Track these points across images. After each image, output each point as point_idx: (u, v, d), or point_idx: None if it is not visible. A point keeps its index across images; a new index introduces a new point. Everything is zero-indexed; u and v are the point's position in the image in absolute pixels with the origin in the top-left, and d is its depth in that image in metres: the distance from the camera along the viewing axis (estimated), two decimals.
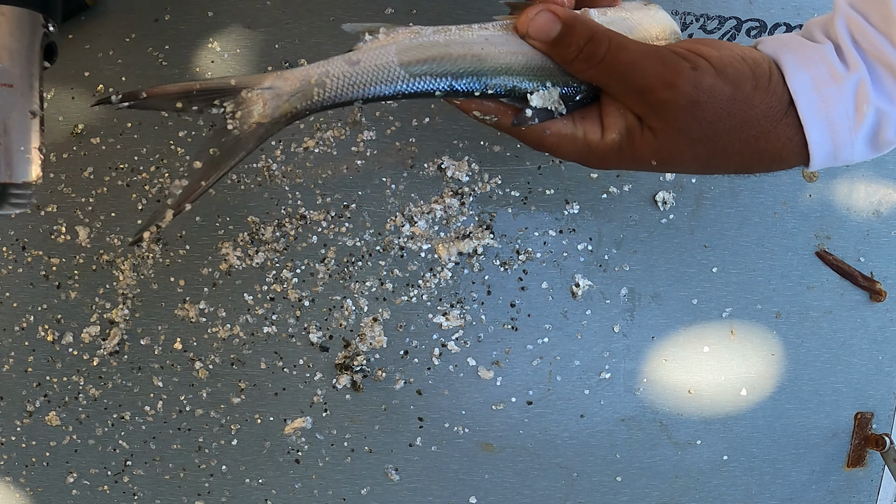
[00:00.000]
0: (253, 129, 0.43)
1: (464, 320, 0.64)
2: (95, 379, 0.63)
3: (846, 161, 0.45)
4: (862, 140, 0.44)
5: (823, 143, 0.44)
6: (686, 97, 0.43)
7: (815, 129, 0.44)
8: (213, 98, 0.43)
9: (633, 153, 0.46)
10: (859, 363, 0.68)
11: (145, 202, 0.62)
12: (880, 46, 0.43)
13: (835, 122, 0.43)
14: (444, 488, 0.64)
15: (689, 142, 0.44)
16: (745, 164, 0.46)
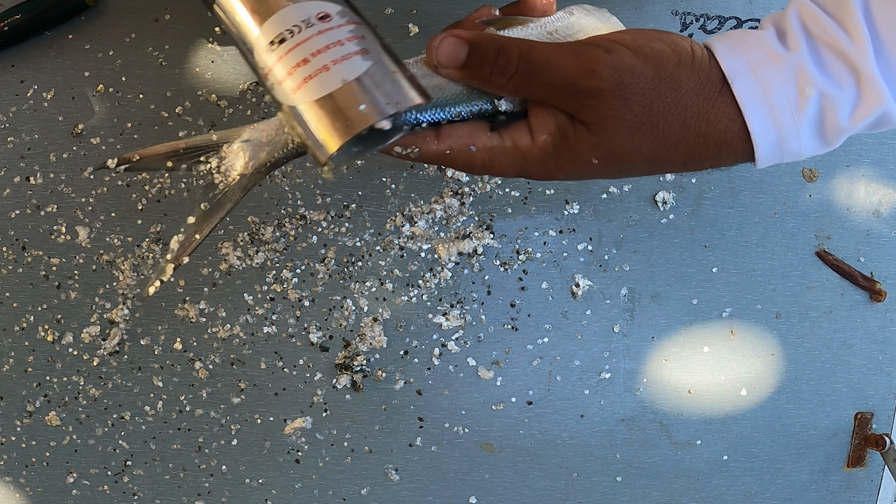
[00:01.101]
0: (237, 180, 0.45)
1: (464, 320, 0.64)
2: (95, 379, 0.63)
3: (794, 153, 0.43)
4: (808, 128, 0.42)
5: (766, 132, 0.42)
6: (609, 81, 0.41)
7: (755, 116, 0.41)
8: (199, 154, 0.45)
9: (571, 153, 0.43)
10: (859, 363, 0.68)
11: (145, 202, 0.62)
12: (829, 30, 0.41)
13: (776, 107, 0.41)
14: (444, 488, 0.64)
15: (627, 131, 0.42)
16: (692, 154, 0.43)
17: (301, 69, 0.39)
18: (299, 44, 0.39)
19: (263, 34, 0.40)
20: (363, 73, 0.39)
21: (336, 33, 0.39)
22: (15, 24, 0.60)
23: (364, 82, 0.39)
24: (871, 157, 0.68)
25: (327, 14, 0.40)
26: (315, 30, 0.39)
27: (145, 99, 0.62)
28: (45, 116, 0.62)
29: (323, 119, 0.39)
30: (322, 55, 0.39)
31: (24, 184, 0.62)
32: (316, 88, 0.39)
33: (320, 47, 0.39)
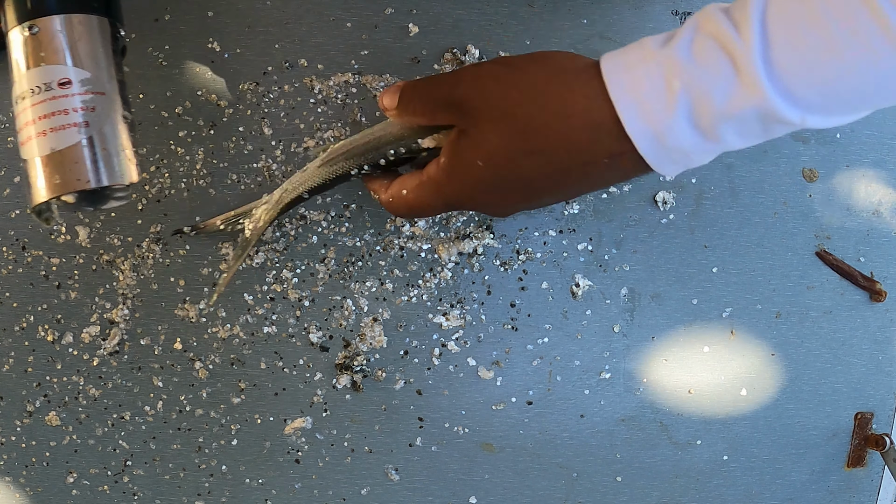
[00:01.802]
0: (257, 229, 0.60)
1: (464, 320, 0.64)
2: (95, 379, 0.63)
3: (678, 149, 0.43)
4: (682, 120, 0.42)
5: (640, 127, 0.43)
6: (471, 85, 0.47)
7: (626, 111, 0.43)
8: (241, 218, 0.61)
9: (461, 163, 0.48)
10: (859, 363, 0.68)
11: (145, 202, 0.62)
12: (720, 26, 0.41)
13: (645, 101, 0.42)
14: (444, 488, 0.64)
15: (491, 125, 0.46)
16: (567, 143, 0.45)
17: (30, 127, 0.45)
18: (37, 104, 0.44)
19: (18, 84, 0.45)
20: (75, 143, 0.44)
21: (68, 101, 0.44)
22: None
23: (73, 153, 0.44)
24: (871, 157, 0.68)
25: (69, 80, 0.44)
26: (50, 94, 0.44)
27: (145, 99, 0.62)
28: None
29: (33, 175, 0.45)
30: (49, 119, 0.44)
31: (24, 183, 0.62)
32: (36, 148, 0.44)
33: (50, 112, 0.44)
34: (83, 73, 0.45)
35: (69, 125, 0.44)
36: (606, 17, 0.65)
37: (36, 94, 0.45)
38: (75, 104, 0.45)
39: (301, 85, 0.63)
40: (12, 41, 0.46)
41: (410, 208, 0.52)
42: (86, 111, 0.45)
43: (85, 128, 0.45)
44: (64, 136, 0.44)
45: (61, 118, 0.44)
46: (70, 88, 0.45)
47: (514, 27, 0.64)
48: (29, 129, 0.45)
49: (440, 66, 0.63)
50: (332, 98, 0.63)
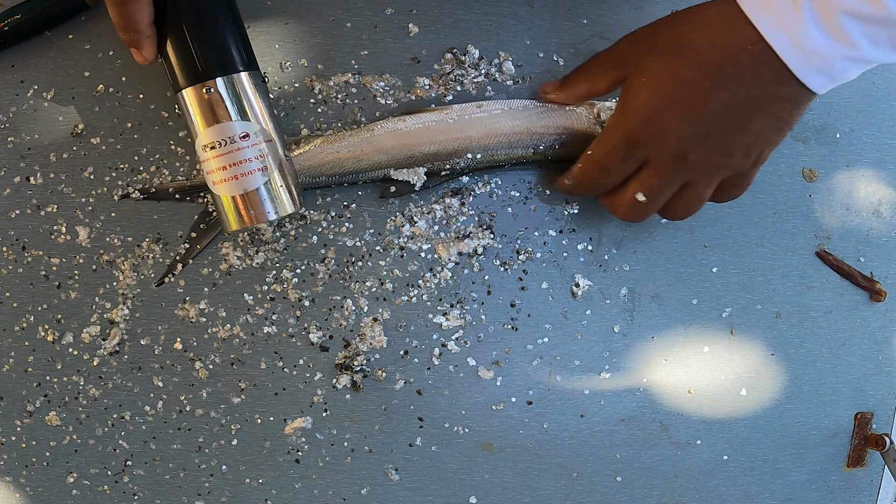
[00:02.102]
0: None
1: (464, 320, 0.64)
2: (95, 379, 0.63)
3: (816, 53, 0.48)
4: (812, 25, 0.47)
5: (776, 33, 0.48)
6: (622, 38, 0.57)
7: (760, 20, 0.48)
8: (199, 191, 0.62)
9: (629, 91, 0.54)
10: (859, 363, 0.68)
11: (146, 202, 0.62)
12: None
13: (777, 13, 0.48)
14: (444, 488, 0.64)
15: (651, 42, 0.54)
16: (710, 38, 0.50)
17: (222, 172, 0.55)
18: (226, 153, 0.54)
19: (203, 136, 0.55)
20: (264, 185, 0.55)
21: (248, 152, 0.54)
22: (15, 23, 0.60)
23: (262, 193, 0.55)
24: (871, 157, 0.68)
25: (247, 134, 0.54)
26: (240, 145, 0.54)
27: (145, 99, 0.62)
28: (46, 116, 0.62)
29: (227, 209, 0.56)
30: (239, 166, 0.54)
31: (24, 184, 0.62)
32: (230, 188, 0.55)
33: (239, 160, 0.54)
34: (256, 125, 0.55)
35: (252, 171, 0.54)
36: (606, 17, 0.65)
37: (221, 147, 0.54)
38: (254, 153, 0.54)
39: (301, 85, 0.63)
40: (189, 98, 0.54)
41: (597, 163, 0.57)
42: (262, 158, 0.55)
43: (263, 172, 0.55)
44: (248, 181, 0.54)
45: (245, 166, 0.54)
46: (248, 140, 0.54)
47: (514, 27, 0.64)
48: (218, 174, 0.55)
49: (440, 66, 0.63)
50: (332, 98, 0.63)
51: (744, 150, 0.53)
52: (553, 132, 0.61)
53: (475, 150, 0.60)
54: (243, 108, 0.54)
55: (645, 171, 0.55)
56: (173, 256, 0.62)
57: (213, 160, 0.55)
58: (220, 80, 0.54)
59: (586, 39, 0.65)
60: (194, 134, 0.55)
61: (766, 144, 0.54)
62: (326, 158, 0.60)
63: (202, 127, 0.54)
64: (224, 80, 0.54)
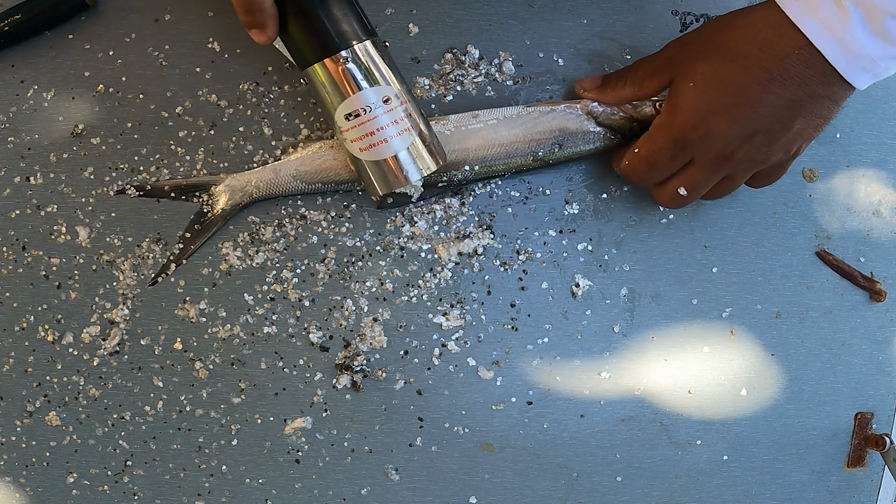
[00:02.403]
0: (219, 212, 0.62)
1: (464, 320, 0.64)
2: (95, 379, 0.63)
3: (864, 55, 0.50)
4: (860, 29, 0.49)
5: (823, 37, 0.50)
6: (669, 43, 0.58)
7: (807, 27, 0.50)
8: (195, 190, 0.62)
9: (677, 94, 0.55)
10: (859, 363, 0.68)
11: (146, 202, 0.62)
12: None
13: (824, 18, 0.50)
14: (444, 488, 0.64)
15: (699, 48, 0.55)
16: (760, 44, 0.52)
17: (367, 138, 0.55)
18: (368, 120, 0.54)
19: (344, 107, 0.54)
20: (407, 147, 0.55)
21: (394, 114, 0.55)
22: (15, 23, 0.60)
23: (406, 155, 0.55)
24: (871, 157, 0.68)
25: (389, 98, 0.55)
26: (380, 111, 0.54)
27: (145, 99, 0.62)
28: (46, 116, 0.62)
29: (377, 174, 0.56)
30: (382, 131, 0.55)
31: (24, 184, 0.62)
32: (376, 153, 0.55)
33: (382, 125, 0.55)
34: (394, 89, 0.55)
35: (398, 133, 0.55)
36: (606, 17, 0.65)
37: (365, 114, 0.54)
38: (397, 116, 0.55)
39: (301, 85, 0.63)
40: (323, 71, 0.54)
41: (645, 160, 0.58)
42: (404, 120, 0.55)
43: (407, 133, 0.55)
44: (395, 143, 0.55)
45: (390, 129, 0.55)
46: (390, 104, 0.55)
47: (514, 27, 0.64)
48: (363, 140, 0.55)
49: (440, 66, 0.63)
50: None
51: (784, 146, 0.56)
52: (549, 136, 0.61)
53: (472, 161, 0.61)
54: (378, 74, 0.54)
55: (690, 169, 0.58)
56: (167, 256, 0.62)
57: (356, 129, 0.55)
58: (355, 48, 0.53)
59: (586, 39, 0.65)
60: (331, 107, 0.55)
61: (805, 140, 0.56)
62: (324, 165, 0.61)
63: (340, 98, 0.54)
64: (358, 48, 0.54)
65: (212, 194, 0.61)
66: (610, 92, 0.60)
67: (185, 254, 0.62)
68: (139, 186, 0.61)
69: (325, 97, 0.55)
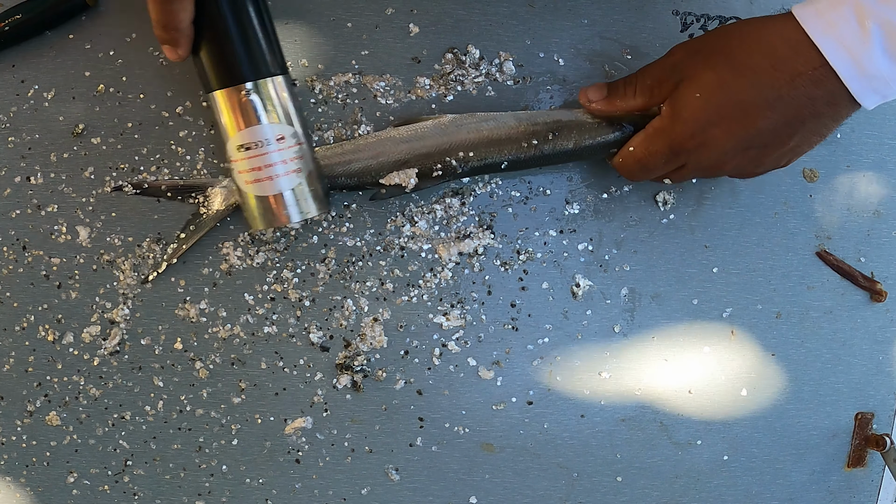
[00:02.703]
0: (214, 213, 0.61)
1: (464, 320, 0.64)
2: (96, 379, 0.63)
3: (878, 77, 0.50)
4: (879, 52, 0.49)
5: (840, 57, 0.50)
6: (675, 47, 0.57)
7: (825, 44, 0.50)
8: (191, 191, 0.61)
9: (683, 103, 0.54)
10: (860, 363, 0.68)
11: (146, 202, 0.62)
12: None
13: (843, 37, 0.49)
14: (444, 488, 0.64)
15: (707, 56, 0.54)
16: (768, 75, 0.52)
17: (254, 172, 0.55)
18: (259, 155, 0.55)
19: (238, 137, 0.55)
20: (293, 188, 0.56)
21: (285, 153, 0.55)
22: (15, 23, 0.60)
23: (290, 196, 0.56)
24: (872, 157, 0.68)
25: (283, 136, 0.55)
26: (273, 148, 0.55)
27: (146, 99, 0.62)
28: (46, 116, 0.62)
29: (259, 209, 0.56)
30: (271, 168, 0.55)
31: (24, 184, 0.62)
32: (261, 189, 0.56)
33: (272, 162, 0.55)
34: (290, 128, 0.55)
35: (285, 173, 0.55)
36: (606, 17, 0.65)
37: (256, 148, 0.55)
38: (288, 156, 0.55)
39: (302, 85, 0.63)
40: (223, 99, 0.54)
41: (639, 161, 0.58)
42: (295, 160, 0.55)
43: (296, 174, 0.56)
44: (280, 182, 0.55)
45: (278, 168, 0.55)
46: (283, 143, 0.55)
47: (514, 27, 0.64)
48: (249, 174, 0.55)
49: (441, 66, 0.63)
50: (332, 98, 0.63)
51: (776, 161, 0.57)
52: (542, 126, 0.60)
53: (466, 148, 0.60)
54: (279, 111, 0.55)
55: (680, 171, 0.58)
56: (160, 255, 0.62)
57: (246, 161, 0.55)
58: (258, 82, 0.54)
59: (586, 39, 0.65)
60: (225, 135, 0.55)
61: (797, 155, 0.57)
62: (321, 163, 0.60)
63: (236, 128, 0.55)
64: (262, 82, 0.54)
65: (208, 195, 0.61)
66: (619, 103, 0.59)
67: (178, 253, 0.62)
68: (136, 184, 0.61)
69: (222, 124, 0.55)
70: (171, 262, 0.62)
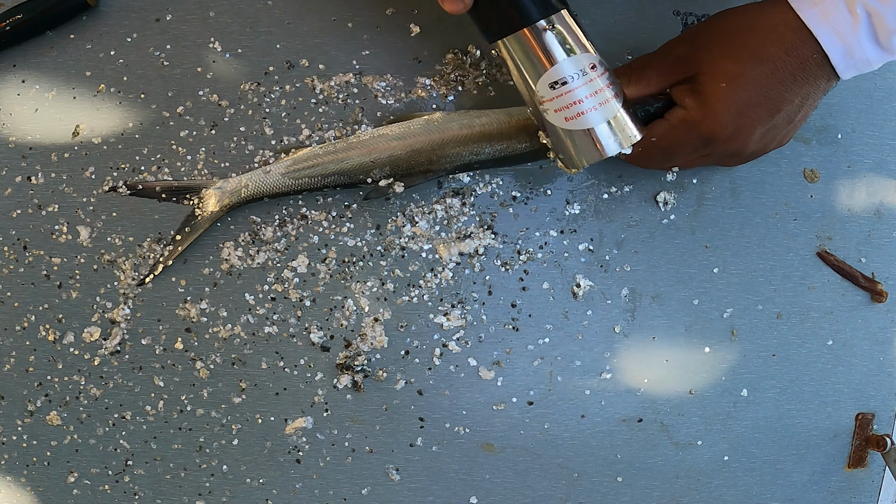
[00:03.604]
0: (209, 214, 0.61)
1: (465, 320, 0.64)
2: (96, 378, 0.63)
3: (864, 60, 0.53)
4: (866, 38, 0.53)
5: (834, 44, 0.53)
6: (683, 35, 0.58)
7: (821, 33, 0.53)
8: (185, 192, 0.62)
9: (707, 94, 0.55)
10: (860, 364, 0.68)
11: (146, 202, 0.62)
12: None
13: (837, 27, 0.53)
14: (444, 488, 0.64)
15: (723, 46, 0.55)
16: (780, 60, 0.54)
17: (574, 107, 0.53)
18: (576, 88, 0.53)
19: (549, 75, 0.53)
20: (613, 116, 0.54)
21: (600, 81, 0.53)
22: (16, 23, 0.60)
23: (613, 125, 0.54)
24: (873, 157, 0.68)
25: (594, 65, 0.53)
26: (587, 78, 0.53)
27: (146, 99, 0.62)
28: (47, 116, 0.62)
29: (582, 144, 0.54)
30: (590, 99, 0.53)
31: (25, 183, 0.62)
32: (582, 123, 0.54)
33: (590, 93, 0.53)
34: (597, 56, 0.54)
35: (608, 100, 0.53)
36: (607, 17, 0.65)
37: (574, 80, 0.53)
38: (605, 82, 0.53)
39: (302, 85, 0.63)
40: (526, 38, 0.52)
41: (664, 151, 0.58)
42: (611, 85, 0.54)
43: (615, 99, 0.54)
44: (606, 110, 0.53)
45: (600, 96, 0.53)
46: (597, 70, 0.53)
47: None
48: (574, 107, 0.53)
49: (441, 67, 0.63)
50: (333, 98, 0.63)
51: (782, 139, 0.60)
52: (534, 119, 0.59)
53: (458, 143, 0.59)
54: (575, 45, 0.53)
55: (701, 158, 0.60)
56: (156, 257, 0.62)
57: (566, 95, 0.53)
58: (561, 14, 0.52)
59: None
60: (534, 74, 0.53)
61: (795, 130, 0.60)
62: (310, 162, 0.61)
63: (543, 67, 0.53)
64: (563, 14, 0.53)
65: (202, 197, 0.61)
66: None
67: (173, 255, 0.62)
68: (131, 186, 0.61)
69: (525, 66, 0.53)
70: (167, 265, 0.62)
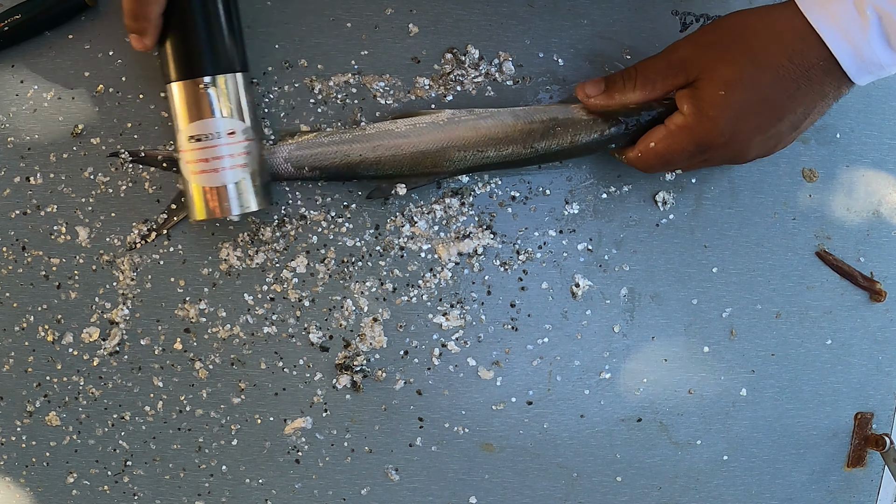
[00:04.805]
0: None
1: (464, 320, 0.64)
2: (95, 379, 0.63)
3: (875, 63, 0.52)
4: (877, 39, 0.51)
5: (842, 45, 0.52)
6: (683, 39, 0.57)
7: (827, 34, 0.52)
8: None
9: (706, 100, 0.55)
10: (859, 363, 0.68)
11: (146, 202, 0.62)
12: None
13: (846, 29, 0.52)
14: (444, 488, 0.65)
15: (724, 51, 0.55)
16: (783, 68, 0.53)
17: (202, 163, 0.57)
18: (208, 147, 0.56)
19: (190, 128, 0.57)
20: (237, 182, 0.57)
21: (233, 148, 0.57)
22: (15, 24, 0.60)
23: (234, 189, 0.57)
24: (871, 156, 0.68)
25: (234, 131, 0.57)
26: (221, 141, 0.56)
27: (145, 99, 0.62)
28: (46, 116, 0.62)
29: (203, 199, 0.58)
30: (218, 161, 0.57)
31: (24, 184, 0.62)
32: (203, 180, 0.57)
33: (219, 155, 0.57)
34: (244, 124, 0.57)
35: (231, 167, 0.57)
36: (606, 17, 0.65)
37: (205, 140, 0.56)
38: (236, 150, 0.57)
39: (301, 85, 0.63)
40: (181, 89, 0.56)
41: (661, 157, 0.58)
42: (246, 155, 0.57)
43: (242, 169, 0.57)
44: (225, 175, 0.57)
45: (225, 161, 0.57)
46: (234, 138, 0.57)
47: (514, 27, 0.64)
48: (196, 165, 0.57)
49: (440, 66, 0.63)
50: (332, 98, 0.63)
51: (786, 143, 0.59)
52: (540, 124, 0.60)
53: (463, 145, 0.60)
54: (233, 107, 0.57)
55: (702, 162, 0.59)
56: (150, 225, 0.62)
57: (195, 151, 0.57)
58: (218, 77, 0.56)
59: (586, 39, 0.65)
60: (179, 124, 0.57)
61: (799, 134, 0.59)
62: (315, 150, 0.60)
63: (188, 119, 0.57)
64: (222, 77, 0.56)
65: None
66: (618, 96, 0.59)
67: (168, 224, 0.62)
68: (132, 152, 0.61)
69: (175, 113, 0.57)
70: (160, 233, 0.62)
